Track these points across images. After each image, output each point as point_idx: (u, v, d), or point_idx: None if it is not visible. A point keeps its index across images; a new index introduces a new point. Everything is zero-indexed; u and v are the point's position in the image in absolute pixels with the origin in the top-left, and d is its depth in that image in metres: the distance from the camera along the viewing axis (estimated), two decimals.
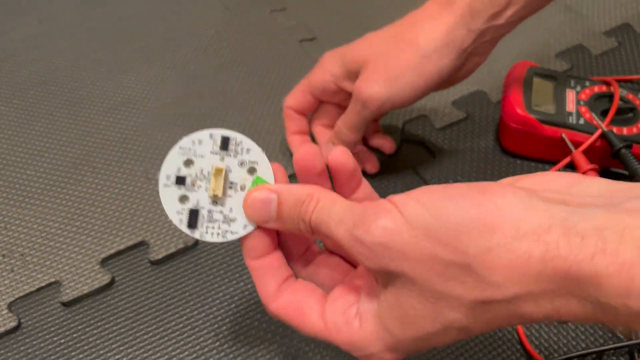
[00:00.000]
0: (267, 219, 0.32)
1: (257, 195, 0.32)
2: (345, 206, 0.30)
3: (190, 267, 0.49)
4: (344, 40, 0.52)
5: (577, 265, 0.24)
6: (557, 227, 0.25)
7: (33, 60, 0.68)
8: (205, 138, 0.32)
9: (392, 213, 0.28)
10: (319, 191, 0.31)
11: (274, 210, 0.32)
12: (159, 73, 0.66)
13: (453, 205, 0.27)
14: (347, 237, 0.28)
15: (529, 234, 0.25)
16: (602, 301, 0.24)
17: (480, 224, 0.26)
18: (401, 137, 0.58)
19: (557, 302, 0.25)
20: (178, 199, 0.32)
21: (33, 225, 0.53)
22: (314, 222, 0.30)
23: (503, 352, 0.44)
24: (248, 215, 0.33)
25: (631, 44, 0.67)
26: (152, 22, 0.73)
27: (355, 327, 0.31)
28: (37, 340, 0.46)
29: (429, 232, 0.27)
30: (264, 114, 0.61)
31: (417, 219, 0.27)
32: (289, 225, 0.32)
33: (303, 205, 0.31)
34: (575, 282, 0.24)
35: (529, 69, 0.57)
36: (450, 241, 0.26)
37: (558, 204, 0.26)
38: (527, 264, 0.25)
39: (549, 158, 0.55)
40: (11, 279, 0.49)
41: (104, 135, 0.60)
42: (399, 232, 0.27)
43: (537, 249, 0.25)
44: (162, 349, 0.45)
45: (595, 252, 0.23)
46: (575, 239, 0.24)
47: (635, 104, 0.54)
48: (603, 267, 0.23)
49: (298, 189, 0.32)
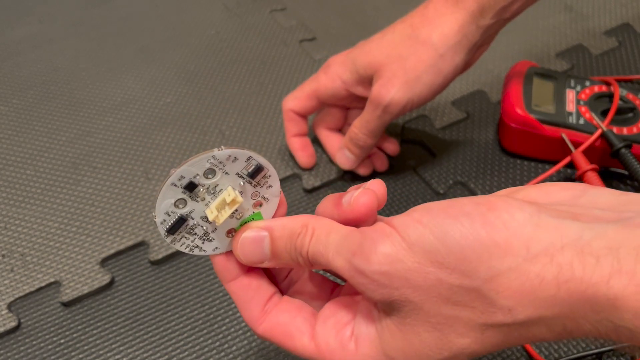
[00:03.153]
0: (261, 258, 0.30)
1: (247, 236, 0.30)
2: (342, 234, 0.28)
3: (190, 267, 0.49)
4: (344, 39, 0.52)
5: (593, 287, 0.23)
6: (570, 247, 0.24)
7: (33, 60, 0.68)
8: (241, 157, 0.29)
9: (392, 237, 0.26)
10: (313, 220, 0.29)
11: (268, 248, 0.30)
12: (159, 73, 0.66)
13: (458, 226, 0.25)
14: (347, 267, 0.27)
15: (540, 255, 0.24)
16: (618, 324, 0.23)
17: (489, 246, 0.24)
18: (401, 137, 0.58)
19: (569, 325, 0.24)
20: (175, 202, 0.29)
21: (33, 225, 0.53)
22: (311, 254, 0.28)
23: (503, 351, 0.44)
24: (241, 259, 0.30)
25: (631, 43, 0.67)
26: (152, 22, 0.73)
27: (350, 351, 0.29)
28: (37, 340, 0.46)
29: (433, 257, 0.25)
30: (263, 114, 0.61)
31: (420, 243, 0.25)
32: (287, 261, 0.30)
33: (299, 238, 0.29)
34: (590, 305, 0.23)
35: (529, 68, 0.56)
36: (457, 265, 0.25)
37: (567, 219, 0.25)
38: (540, 287, 0.24)
39: (549, 158, 0.55)
40: (11, 279, 0.49)
41: (104, 135, 0.60)
42: (400, 258, 0.26)
43: (550, 271, 0.24)
44: (162, 349, 0.45)
45: (611, 274, 0.22)
46: (590, 259, 0.23)
47: (635, 104, 0.54)
48: (620, 289, 0.22)
49: (290, 221, 0.30)
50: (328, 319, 0.30)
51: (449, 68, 0.46)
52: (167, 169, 0.56)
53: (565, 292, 0.23)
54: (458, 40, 0.46)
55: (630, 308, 0.22)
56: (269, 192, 0.31)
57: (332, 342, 0.29)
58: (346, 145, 0.52)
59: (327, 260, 0.28)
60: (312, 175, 0.55)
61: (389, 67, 0.47)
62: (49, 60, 0.68)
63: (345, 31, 0.70)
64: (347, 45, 0.52)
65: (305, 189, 0.54)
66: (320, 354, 0.30)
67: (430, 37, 0.46)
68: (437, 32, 0.46)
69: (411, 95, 0.46)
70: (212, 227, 0.30)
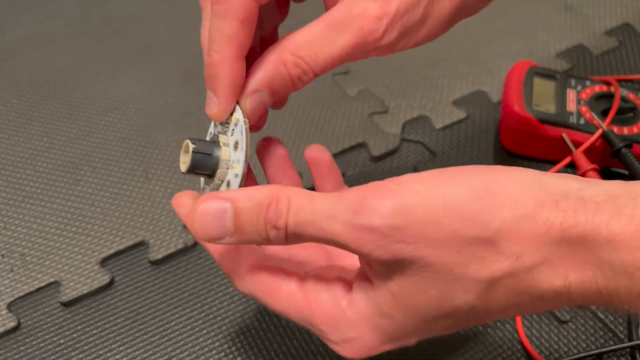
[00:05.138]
0: (222, 233, 0.27)
1: (207, 207, 0.27)
2: (331, 199, 0.26)
3: (190, 267, 0.49)
4: None
5: (594, 230, 0.24)
6: (572, 195, 0.25)
7: (33, 60, 0.68)
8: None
9: (399, 191, 0.25)
10: (284, 190, 0.27)
11: (230, 222, 0.27)
12: (159, 73, 0.66)
13: (469, 181, 0.26)
14: (348, 230, 0.25)
15: (547, 202, 0.25)
16: (617, 268, 0.24)
17: (501, 197, 0.25)
18: (401, 137, 0.58)
19: (571, 275, 0.25)
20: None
21: (33, 225, 0.52)
22: (294, 225, 0.26)
23: (503, 352, 0.44)
24: (196, 233, 0.27)
25: (632, 43, 0.67)
26: (152, 22, 0.73)
27: (342, 305, 0.27)
28: (36, 341, 0.46)
29: (449, 207, 0.25)
30: None
31: (432, 195, 0.25)
32: (252, 237, 0.27)
33: (269, 209, 0.26)
34: (591, 247, 0.24)
35: (529, 68, 0.56)
36: (474, 215, 0.25)
37: (569, 179, 0.26)
38: (547, 232, 0.25)
39: (550, 158, 0.55)
40: (11, 278, 0.49)
41: (103, 135, 0.60)
42: (414, 210, 0.24)
43: (556, 216, 0.25)
44: (162, 349, 0.45)
45: (611, 217, 0.24)
46: (591, 205, 0.24)
47: (636, 104, 0.54)
48: (619, 230, 0.24)
49: (257, 191, 0.27)
50: (322, 274, 0.29)
51: None
52: (167, 169, 0.56)
53: (569, 235, 0.24)
54: None
55: (629, 248, 0.23)
56: (236, 156, 0.31)
57: (323, 294, 0.28)
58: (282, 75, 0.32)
59: (320, 228, 0.26)
60: None
61: None
62: (49, 60, 0.68)
63: None
64: None
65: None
66: (306, 304, 0.28)
67: None
68: None
69: (388, 10, 0.31)
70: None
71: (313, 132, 0.59)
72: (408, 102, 0.62)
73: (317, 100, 0.62)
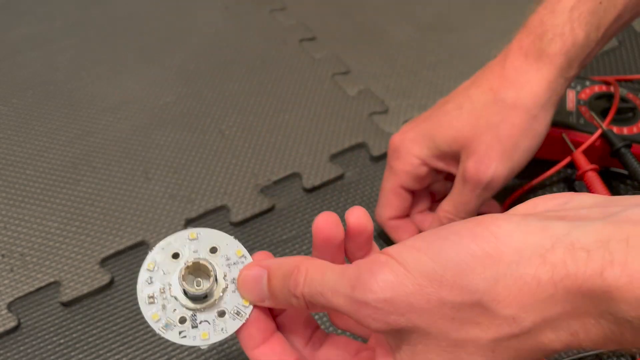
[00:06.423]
0: (261, 297, 0.30)
1: (249, 273, 0.31)
2: (337, 272, 0.28)
3: None
4: (344, 39, 0.51)
5: (587, 281, 0.23)
6: (560, 244, 0.24)
7: (33, 60, 0.68)
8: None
9: (389, 264, 0.26)
10: (306, 261, 0.29)
11: (265, 287, 0.30)
12: (159, 73, 0.66)
13: (450, 243, 0.25)
14: (348, 303, 0.27)
15: (533, 257, 0.24)
16: (617, 316, 0.23)
17: (482, 257, 0.25)
18: None
19: (574, 326, 0.24)
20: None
21: (33, 225, 0.52)
22: (307, 295, 0.28)
23: None
24: (243, 294, 0.31)
25: (631, 43, 0.67)
26: (152, 22, 0.73)
27: None
28: (36, 340, 0.46)
29: (431, 277, 0.25)
30: (263, 113, 0.61)
31: (417, 266, 0.25)
32: (282, 302, 0.30)
33: (291, 278, 0.29)
34: (588, 299, 0.23)
35: None
36: (455, 281, 0.25)
37: (554, 220, 0.25)
38: (538, 289, 0.24)
39: (549, 158, 0.55)
40: (11, 278, 0.49)
41: (103, 135, 0.60)
42: (401, 283, 0.25)
43: (544, 271, 0.24)
44: (162, 349, 0.45)
45: (603, 266, 0.23)
46: (581, 254, 0.23)
47: (635, 104, 0.54)
48: (613, 280, 0.22)
49: (285, 261, 0.30)
50: None
51: (543, 128, 0.43)
52: (167, 169, 0.56)
53: (562, 289, 0.24)
54: (548, 97, 0.43)
55: (626, 298, 0.22)
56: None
57: None
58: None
59: (326, 299, 0.28)
60: (312, 175, 0.55)
61: (480, 140, 0.42)
62: (49, 60, 0.68)
63: (345, 30, 0.70)
64: (347, 45, 0.52)
65: (305, 189, 0.54)
66: None
67: (519, 98, 0.42)
68: (525, 92, 0.42)
69: (512, 165, 0.43)
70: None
71: (313, 132, 0.59)
72: (408, 102, 0.62)
73: (317, 100, 0.62)
